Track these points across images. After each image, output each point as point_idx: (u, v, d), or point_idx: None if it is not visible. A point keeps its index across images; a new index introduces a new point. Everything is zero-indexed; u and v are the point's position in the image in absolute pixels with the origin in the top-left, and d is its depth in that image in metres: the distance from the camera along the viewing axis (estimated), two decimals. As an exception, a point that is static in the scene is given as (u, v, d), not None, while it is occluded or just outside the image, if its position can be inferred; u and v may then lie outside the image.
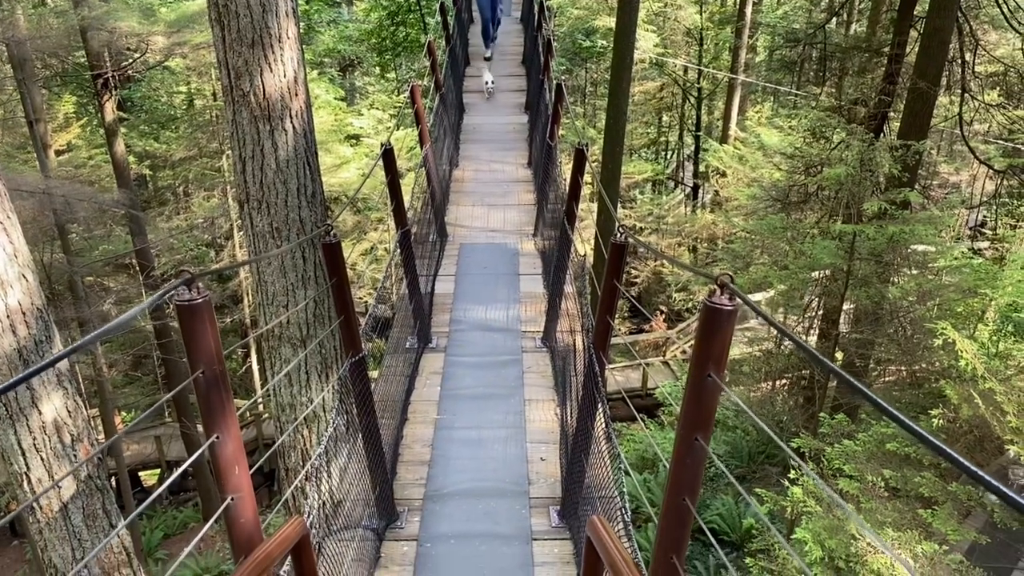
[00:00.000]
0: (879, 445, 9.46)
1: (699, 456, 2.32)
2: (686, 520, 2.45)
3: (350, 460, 3.80)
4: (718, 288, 2.00)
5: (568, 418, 4.81)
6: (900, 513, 8.88)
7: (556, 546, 4.34)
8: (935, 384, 10.52)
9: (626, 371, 17.58)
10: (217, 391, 1.95)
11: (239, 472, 2.24)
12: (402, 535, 4.42)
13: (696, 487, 2.42)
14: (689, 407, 2.16)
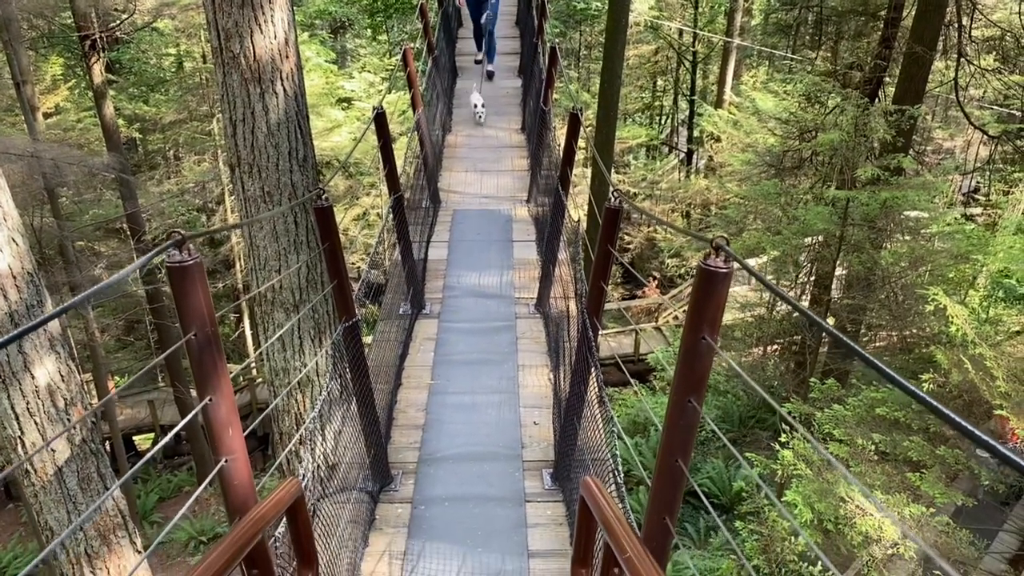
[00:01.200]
0: (869, 410, 9.55)
1: (692, 418, 2.33)
2: (678, 481, 2.46)
3: (344, 424, 3.81)
4: (713, 251, 1.99)
5: (561, 383, 4.83)
6: (889, 476, 8.98)
7: (549, 508, 4.38)
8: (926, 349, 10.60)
9: (619, 337, 17.65)
10: (210, 353, 1.94)
11: (233, 434, 2.24)
12: (396, 498, 4.46)
13: (688, 449, 2.43)
14: (683, 369, 2.16)
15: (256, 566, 1.72)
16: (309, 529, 2.09)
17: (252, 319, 16.71)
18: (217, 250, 17.70)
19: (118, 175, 12.75)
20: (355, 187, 18.52)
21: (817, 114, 12.72)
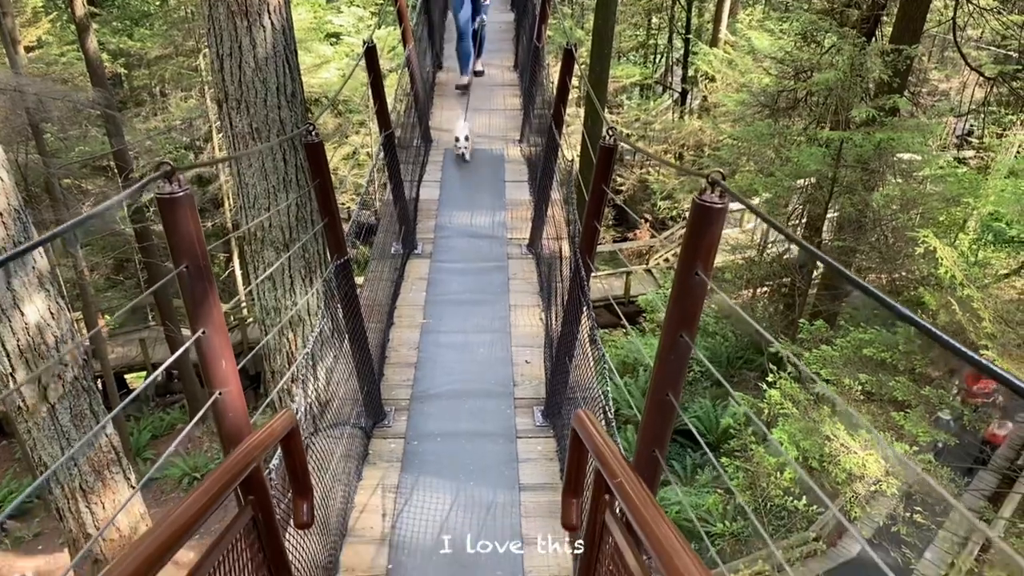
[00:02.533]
0: (856, 351, 9.65)
1: (683, 353, 2.35)
2: (668, 416, 2.49)
3: (337, 361, 3.82)
4: (709, 186, 1.97)
5: (553, 323, 4.84)
6: (874, 416, 9.12)
7: (540, 443, 4.44)
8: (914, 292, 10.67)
9: (609, 279, 17.69)
10: (201, 285, 1.93)
11: (226, 367, 2.24)
12: (389, 433, 4.51)
13: (679, 384, 2.46)
14: (675, 305, 2.16)
15: (252, 492, 1.73)
16: (303, 459, 2.11)
17: (242, 258, 16.64)
18: (206, 189, 17.52)
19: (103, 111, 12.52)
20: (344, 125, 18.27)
21: (813, 53, 12.56)
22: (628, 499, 1.47)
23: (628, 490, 1.49)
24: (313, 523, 2.23)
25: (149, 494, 12.23)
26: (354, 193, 18.00)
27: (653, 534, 1.25)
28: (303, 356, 3.10)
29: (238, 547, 1.65)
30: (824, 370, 9.39)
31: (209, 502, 1.36)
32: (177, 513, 1.25)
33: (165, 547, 1.15)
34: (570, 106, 13.32)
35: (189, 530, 1.24)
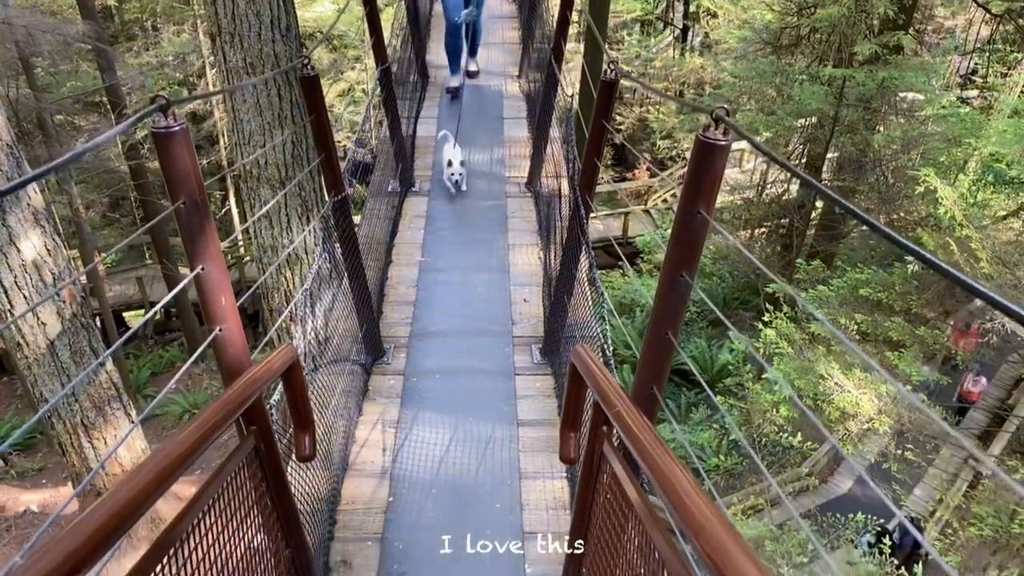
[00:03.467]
0: (852, 291, 9.68)
1: (683, 292, 2.35)
2: (667, 353, 2.51)
3: (335, 299, 3.82)
4: (713, 122, 1.95)
5: (551, 261, 4.84)
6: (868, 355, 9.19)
7: (538, 380, 4.48)
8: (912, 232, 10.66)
9: (607, 220, 17.63)
10: (199, 219, 1.91)
11: (225, 303, 2.24)
12: (389, 370, 4.54)
13: (678, 322, 2.46)
14: (676, 243, 2.15)
15: (254, 423, 1.75)
16: (304, 393, 2.12)
17: (238, 197, 16.54)
18: (200, 126, 17.30)
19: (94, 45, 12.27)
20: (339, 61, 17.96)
21: (818, -12, 12.29)
22: (627, 428, 1.49)
23: (627, 419, 1.51)
24: (315, 456, 2.26)
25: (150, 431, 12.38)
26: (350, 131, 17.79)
27: (652, 460, 1.26)
28: (301, 293, 3.10)
29: (240, 476, 1.67)
30: (820, 310, 9.43)
31: (211, 430, 1.37)
32: (179, 440, 1.26)
33: (167, 472, 1.16)
34: (569, 41, 13.06)
35: (191, 457, 1.26)
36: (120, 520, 1.00)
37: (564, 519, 3.49)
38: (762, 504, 9.41)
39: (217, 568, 1.50)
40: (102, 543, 0.94)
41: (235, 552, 1.61)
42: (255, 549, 1.76)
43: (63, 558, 0.87)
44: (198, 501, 1.42)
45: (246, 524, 1.69)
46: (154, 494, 1.11)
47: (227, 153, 16.52)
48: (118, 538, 0.99)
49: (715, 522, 1.01)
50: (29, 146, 11.83)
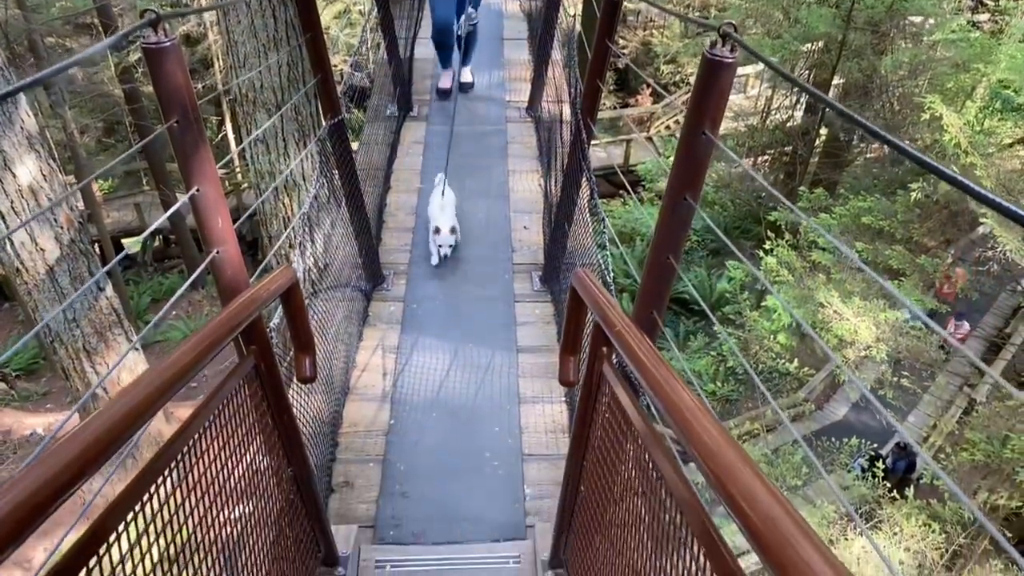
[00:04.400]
0: (855, 219, 9.63)
1: (686, 216, 2.32)
2: (668, 277, 2.49)
3: (334, 225, 3.79)
4: (720, 39, 1.88)
5: (552, 188, 4.79)
6: (868, 284, 9.20)
7: (537, 307, 4.48)
8: (915, 162, 10.53)
9: (609, 147, 17.41)
10: (193, 139, 1.87)
11: (222, 224, 2.21)
12: (389, 296, 4.54)
13: (680, 246, 2.44)
14: (680, 165, 2.11)
15: (253, 342, 1.75)
16: (304, 314, 2.11)
17: (235, 122, 16.29)
18: (194, 49, 16.92)
19: (83, -37, 11.92)
20: (336, -18, 17.47)
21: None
22: (627, 346, 1.48)
23: (628, 339, 1.50)
24: (316, 378, 2.26)
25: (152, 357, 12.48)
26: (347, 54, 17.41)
27: (653, 377, 1.26)
28: (299, 217, 3.07)
29: (240, 394, 1.68)
30: (822, 238, 9.41)
31: (210, 346, 1.36)
32: (179, 354, 1.26)
33: (166, 386, 1.16)
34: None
35: (190, 372, 1.25)
36: (117, 432, 0.99)
37: (563, 442, 3.53)
38: (757, 429, 9.56)
39: (218, 484, 1.51)
40: (99, 455, 0.94)
41: (236, 469, 1.62)
42: (257, 467, 1.78)
43: (57, 470, 0.87)
44: (197, 418, 1.43)
45: (247, 442, 1.70)
46: (152, 407, 1.11)
47: (222, 77, 16.21)
48: (115, 450, 0.98)
49: (719, 439, 1.01)
50: (21, 68, 11.60)
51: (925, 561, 7.05)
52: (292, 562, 2.13)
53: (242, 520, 1.65)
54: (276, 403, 1.91)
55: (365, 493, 3.31)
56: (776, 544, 0.81)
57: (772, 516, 0.84)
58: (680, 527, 1.30)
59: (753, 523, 0.85)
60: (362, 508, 3.24)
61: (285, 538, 2.06)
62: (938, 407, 10.55)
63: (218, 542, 1.51)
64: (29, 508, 0.82)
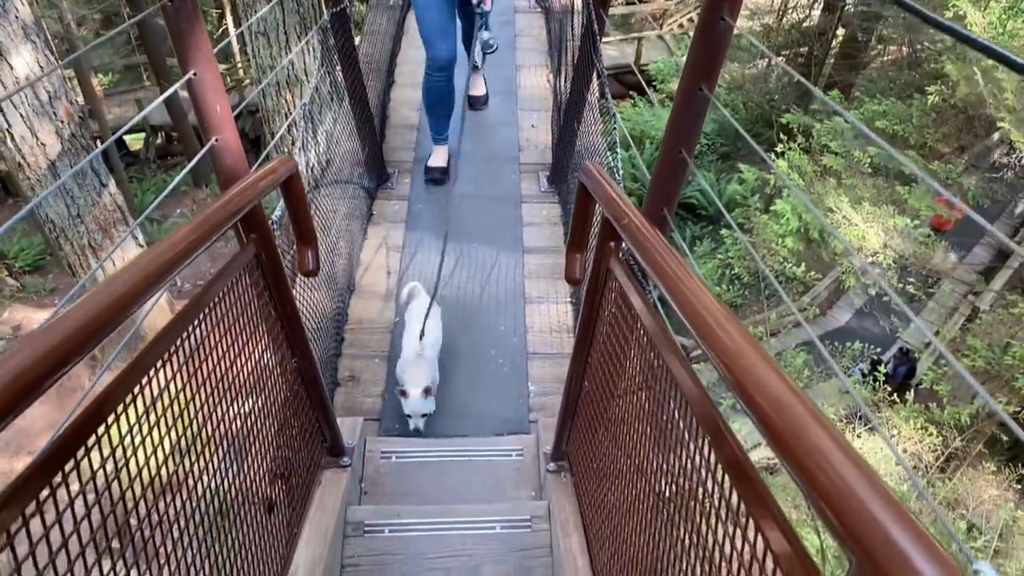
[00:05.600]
0: (868, 123, 9.42)
1: (700, 107, 2.24)
2: (680, 173, 2.43)
3: (337, 120, 3.70)
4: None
5: (561, 85, 4.65)
6: (879, 190, 9.08)
7: (544, 208, 4.42)
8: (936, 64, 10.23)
9: (620, 45, 16.92)
10: (187, 17, 1.78)
11: (221, 111, 2.14)
12: (393, 195, 4.48)
13: (693, 140, 2.36)
14: (696, 53, 2.02)
15: (254, 231, 1.71)
16: (306, 206, 2.07)
17: (235, 16, 15.83)
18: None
19: None
20: None
21: None
22: (635, 237, 1.44)
23: (636, 229, 1.46)
24: (319, 271, 2.23)
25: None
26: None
27: (661, 268, 1.23)
28: (300, 107, 2.98)
29: (242, 282, 1.65)
30: (834, 142, 9.23)
31: (209, 231, 1.33)
32: (176, 238, 1.22)
33: (163, 268, 1.13)
34: None
35: (186, 256, 1.22)
36: (110, 314, 0.96)
37: (567, 341, 3.54)
38: (761, 333, 9.61)
39: (220, 372, 1.50)
40: (90, 338, 0.91)
41: (239, 358, 1.61)
42: (260, 356, 1.77)
43: (44, 352, 0.84)
44: (197, 304, 1.40)
45: (248, 331, 1.68)
46: (148, 290, 1.08)
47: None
48: (107, 334, 0.96)
49: (726, 324, 0.98)
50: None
51: (920, 464, 7.20)
52: (297, 451, 2.15)
53: (246, 407, 1.65)
54: (278, 294, 1.89)
55: (371, 388, 3.34)
56: (787, 430, 0.78)
57: (782, 401, 0.80)
58: (685, 419, 1.28)
59: (763, 409, 0.82)
60: (368, 402, 3.27)
61: (290, 427, 2.08)
62: (941, 315, 10.58)
63: (221, 428, 1.51)
64: (13, 392, 0.79)
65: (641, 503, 1.59)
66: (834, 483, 0.68)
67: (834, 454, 0.71)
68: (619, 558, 1.81)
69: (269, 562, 1.85)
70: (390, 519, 2.42)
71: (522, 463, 2.83)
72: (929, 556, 0.58)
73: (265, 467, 1.79)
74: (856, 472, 0.67)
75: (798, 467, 0.73)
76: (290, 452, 2.08)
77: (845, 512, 0.65)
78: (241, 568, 1.65)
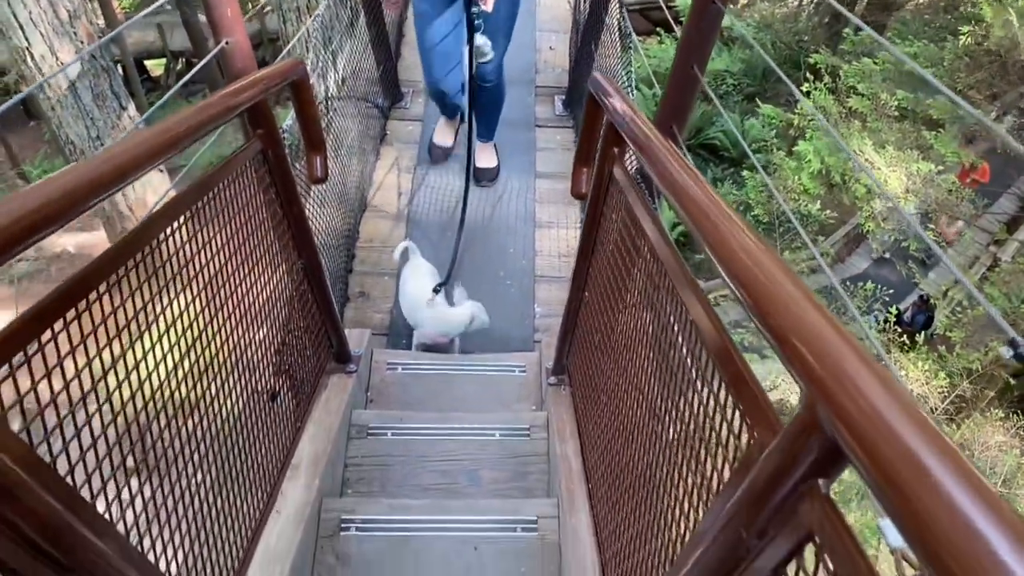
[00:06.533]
0: (898, 65, 9.21)
1: (713, 21, 2.21)
2: (691, 89, 2.41)
3: (352, 37, 3.67)
4: None
5: (582, 4, 4.56)
6: (904, 134, 8.93)
7: (559, 133, 4.39)
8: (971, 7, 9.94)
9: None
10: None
11: (231, 13, 2.15)
12: (407, 115, 4.46)
13: (706, 55, 2.34)
14: (711, -39, 1.99)
15: (261, 125, 1.72)
16: (315, 111, 2.07)
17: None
18: None
19: None
20: None
21: None
22: (639, 141, 1.44)
23: (640, 131, 1.46)
24: (327, 178, 2.25)
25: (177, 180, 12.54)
26: None
27: (666, 171, 1.22)
28: (313, 19, 2.96)
29: (247, 175, 1.67)
30: (862, 84, 9.05)
31: (211, 117, 1.34)
32: (176, 119, 1.24)
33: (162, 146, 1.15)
34: None
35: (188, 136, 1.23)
36: (103, 181, 0.98)
37: (575, 266, 3.55)
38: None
39: (222, 259, 1.53)
40: (84, 198, 0.93)
41: (241, 249, 1.64)
42: (266, 250, 1.80)
43: (32, 208, 0.85)
44: (201, 186, 1.42)
45: (252, 224, 1.70)
46: (146, 162, 1.10)
47: None
48: (100, 198, 0.97)
49: (719, 214, 0.98)
50: None
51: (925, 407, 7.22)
52: (303, 350, 2.20)
53: (248, 298, 1.69)
54: (286, 193, 1.91)
55: (380, 304, 3.39)
56: (776, 311, 0.76)
57: (771, 279, 0.79)
58: (685, 330, 1.26)
59: (752, 290, 0.81)
60: (377, 317, 3.32)
61: (297, 327, 2.13)
62: (961, 264, 10.48)
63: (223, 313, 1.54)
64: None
65: (634, 411, 1.62)
66: (792, 321, 0.70)
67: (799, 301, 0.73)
68: (611, 462, 1.86)
69: (273, 450, 1.92)
70: (393, 423, 2.49)
71: (525, 379, 2.88)
72: (880, 388, 0.59)
73: (268, 359, 1.84)
74: (810, 311, 0.69)
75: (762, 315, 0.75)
76: (295, 350, 2.13)
77: (799, 340, 0.67)
78: (248, 452, 1.71)
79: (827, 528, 0.67)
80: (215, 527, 1.49)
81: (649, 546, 1.41)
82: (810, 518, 0.70)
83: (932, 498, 0.49)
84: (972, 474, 0.50)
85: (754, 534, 0.79)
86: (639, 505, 1.53)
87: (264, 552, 1.77)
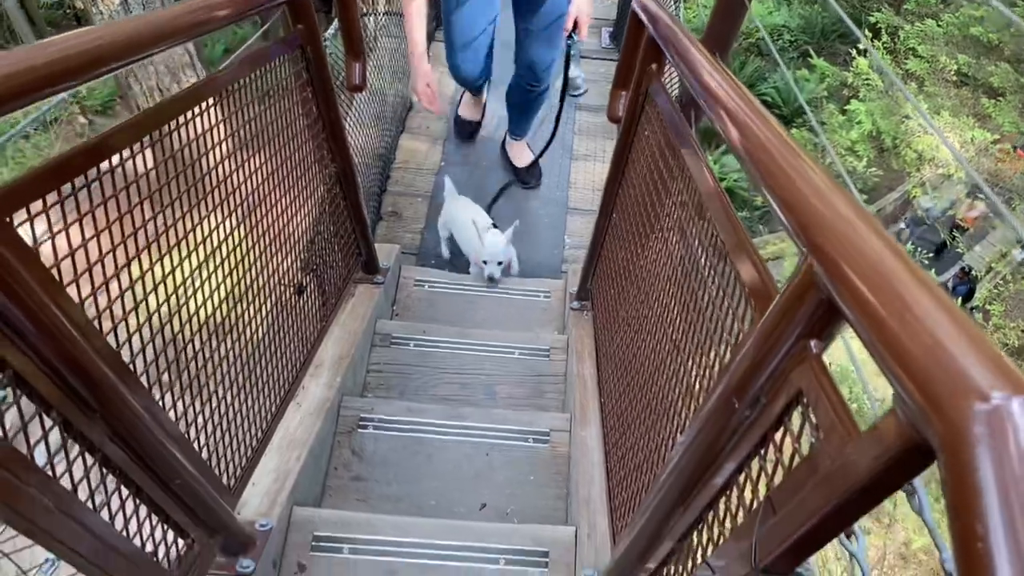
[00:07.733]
0: (962, 28, 8.91)
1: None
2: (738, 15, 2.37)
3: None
4: None
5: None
6: (961, 101, 8.67)
7: (603, 66, 4.34)
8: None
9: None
10: None
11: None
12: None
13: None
14: None
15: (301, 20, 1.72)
16: (356, 16, 2.07)
17: None
18: None
19: None
20: None
21: None
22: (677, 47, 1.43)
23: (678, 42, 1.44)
24: (365, 86, 2.25)
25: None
26: None
27: (702, 79, 1.21)
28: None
29: (285, 66, 1.68)
30: (922, 46, 8.77)
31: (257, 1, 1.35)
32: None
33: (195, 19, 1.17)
34: None
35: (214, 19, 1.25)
36: (126, 46, 0.99)
37: (610, 201, 3.53)
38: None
39: (255, 146, 1.55)
40: (119, 55, 0.95)
41: (275, 141, 1.66)
42: (298, 148, 1.82)
43: (56, 58, 0.86)
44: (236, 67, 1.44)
45: (288, 118, 1.72)
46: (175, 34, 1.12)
47: None
48: (126, 60, 0.98)
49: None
50: None
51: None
52: (332, 253, 2.24)
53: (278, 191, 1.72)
54: (323, 94, 1.92)
55: (412, 224, 3.42)
56: (778, 181, 0.76)
57: (777, 152, 0.80)
58: (714, 257, 1.21)
59: (758, 161, 0.82)
60: (408, 237, 3.35)
61: (327, 229, 2.16)
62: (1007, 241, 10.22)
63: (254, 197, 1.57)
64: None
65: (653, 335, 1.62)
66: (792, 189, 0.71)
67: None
68: (622, 377, 1.88)
69: (299, 343, 1.97)
70: (416, 335, 2.53)
71: (549, 305, 2.90)
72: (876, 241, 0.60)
73: (297, 253, 1.87)
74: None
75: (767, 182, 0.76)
76: (324, 251, 2.17)
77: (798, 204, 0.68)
78: (274, 341, 1.75)
79: (815, 386, 0.69)
80: (236, 402, 1.55)
81: (652, 444, 1.44)
82: (800, 379, 0.71)
83: (924, 344, 0.49)
84: (964, 320, 0.50)
85: (747, 404, 0.81)
86: (645, 409, 1.56)
87: (283, 435, 1.83)
